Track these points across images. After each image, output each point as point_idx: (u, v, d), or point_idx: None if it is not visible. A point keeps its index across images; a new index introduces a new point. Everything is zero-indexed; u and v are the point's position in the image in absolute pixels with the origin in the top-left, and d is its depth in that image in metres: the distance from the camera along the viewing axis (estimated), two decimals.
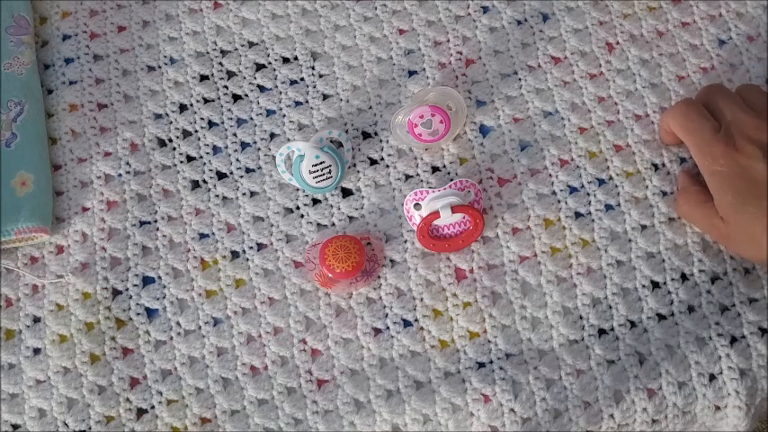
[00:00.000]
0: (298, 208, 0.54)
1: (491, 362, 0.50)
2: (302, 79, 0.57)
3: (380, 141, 0.55)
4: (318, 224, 0.54)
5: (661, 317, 0.51)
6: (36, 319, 0.52)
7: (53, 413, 0.50)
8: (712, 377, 0.50)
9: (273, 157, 0.55)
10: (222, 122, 0.56)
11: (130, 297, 0.52)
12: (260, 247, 0.53)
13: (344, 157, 0.54)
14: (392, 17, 0.58)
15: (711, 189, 0.49)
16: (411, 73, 0.57)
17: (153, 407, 0.51)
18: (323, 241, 0.50)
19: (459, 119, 0.54)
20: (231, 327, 0.52)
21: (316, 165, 0.52)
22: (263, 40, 0.58)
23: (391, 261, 0.52)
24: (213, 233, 0.54)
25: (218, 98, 0.57)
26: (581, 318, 0.51)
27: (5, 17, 0.57)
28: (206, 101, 0.57)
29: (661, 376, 0.49)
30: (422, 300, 0.52)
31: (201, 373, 0.51)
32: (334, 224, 0.54)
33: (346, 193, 0.54)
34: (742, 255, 0.51)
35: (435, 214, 0.50)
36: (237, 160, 0.55)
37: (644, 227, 0.53)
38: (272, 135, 0.56)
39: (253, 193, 0.55)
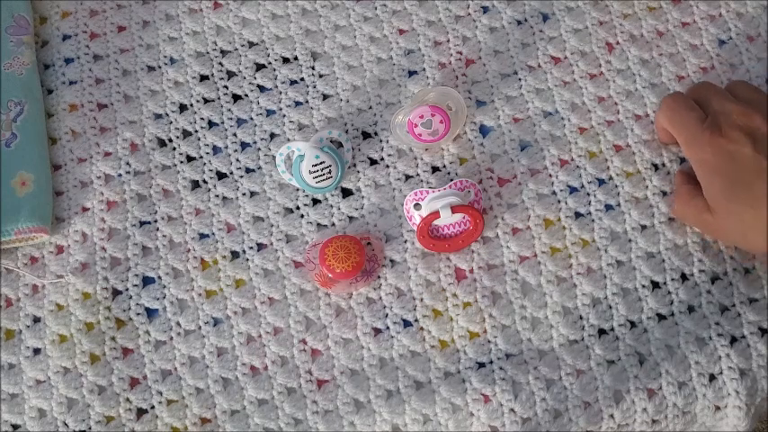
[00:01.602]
0: (298, 208, 0.54)
1: (491, 362, 0.50)
2: (302, 79, 0.57)
3: (380, 141, 0.55)
4: (318, 224, 0.54)
5: (661, 317, 0.51)
6: (36, 319, 0.52)
7: (53, 413, 0.50)
8: (712, 377, 0.50)
9: (273, 157, 0.55)
10: (222, 122, 0.56)
11: (130, 297, 0.52)
12: (260, 247, 0.53)
13: (344, 157, 0.54)
14: (392, 17, 0.58)
15: (700, 178, 0.49)
16: (411, 73, 0.57)
17: (153, 407, 0.51)
18: (323, 241, 0.50)
19: (459, 119, 0.54)
20: (231, 327, 0.52)
21: (316, 165, 0.52)
22: (263, 40, 0.58)
23: (391, 261, 0.52)
24: (213, 233, 0.54)
25: (218, 98, 0.57)
26: (581, 318, 0.51)
27: (5, 17, 0.57)
28: (206, 101, 0.57)
29: (661, 376, 0.49)
30: (422, 300, 0.52)
31: (201, 373, 0.51)
32: (334, 224, 0.54)
33: (346, 193, 0.54)
34: (735, 245, 0.51)
35: (435, 214, 0.50)
36: (237, 160, 0.55)
37: (644, 227, 0.53)
38: (272, 135, 0.56)
39: (253, 193, 0.55)
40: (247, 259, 0.53)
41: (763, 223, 0.46)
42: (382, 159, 0.55)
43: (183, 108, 0.57)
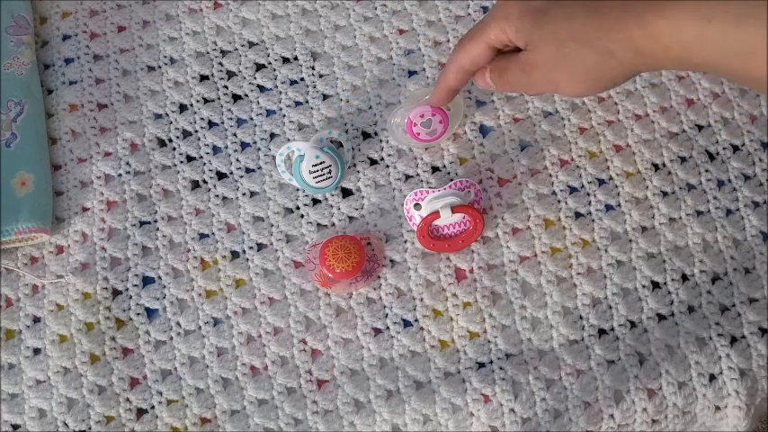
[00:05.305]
0: (298, 208, 0.54)
1: (491, 362, 0.50)
2: (302, 79, 0.57)
3: (380, 141, 0.55)
4: (318, 224, 0.54)
5: (661, 317, 0.51)
6: (36, 319, 0.52)
7: (53, 413, 0.50)
8: (712, 377, 0.50)
9: (273, 157, 0.55)
10: (222, 122, 0.56)
11: (130, 297, 0.52)
12: (260, 247, 0.53)
13: (344, 157, 0.54)
14: (392, 17, 0.58)
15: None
16: (411, 73, 0.57)
17: (153, 407, 0.51)
18: (323, 241, 0.50)
19: (455, 119, 0.54)
20: (231, 327, 0.52)
21: (316, 165, 0.52)
22: (263, 40, 0.58)
23: (391, 261, 0.52)
24: (213, 233, 0.54)
25: (218, 98, 0.57)
26: (581, 318, 0.51)
27: (5, 17, 0.57)
28: (206, 101, 0.57)
29: (661, 376, 0.49)
30: (422, 300, 0.52)
31: (201, 373, 0.51)
32: (334, 224, 0.54)
33: (346, 193, 0.54)
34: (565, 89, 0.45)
35: (435, 214, 0.50)
36: (237, 160, 0.55)
37: (644, 228, 0.53)
38: (272, 135, 0.56)
39: (253, 193, 0.55)
40: (247, 259, 0.53)
41: None
42: (382, 159, 0.55)
43: (183, 108, 0.57)
